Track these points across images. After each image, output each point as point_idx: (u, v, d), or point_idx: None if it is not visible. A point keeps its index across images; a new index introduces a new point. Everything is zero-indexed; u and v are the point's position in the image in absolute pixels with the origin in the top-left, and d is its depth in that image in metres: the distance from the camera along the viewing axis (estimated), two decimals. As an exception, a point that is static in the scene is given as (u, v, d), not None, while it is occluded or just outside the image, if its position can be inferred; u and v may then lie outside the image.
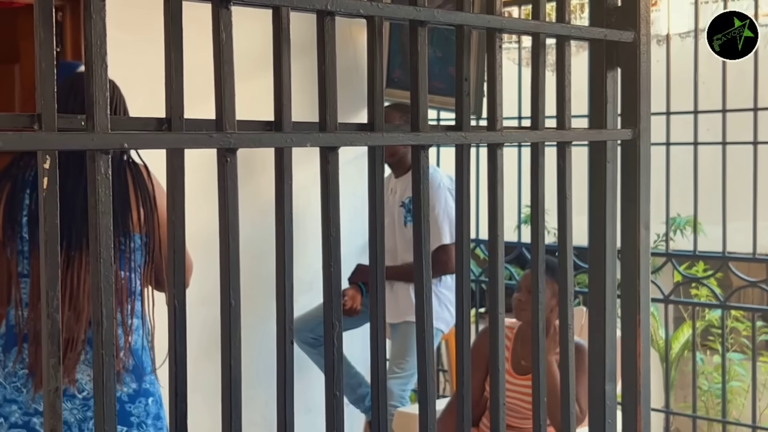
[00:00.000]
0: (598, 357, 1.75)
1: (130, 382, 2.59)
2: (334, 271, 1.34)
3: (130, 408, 2.60)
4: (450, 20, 1.45)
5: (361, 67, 4.58)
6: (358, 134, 1.38)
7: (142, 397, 2.62)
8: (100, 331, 1.11)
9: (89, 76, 1.10)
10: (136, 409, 2.61)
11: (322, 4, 1.28)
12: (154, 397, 2.68)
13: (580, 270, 4.75)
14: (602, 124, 1.71)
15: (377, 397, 1.48)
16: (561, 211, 1.65)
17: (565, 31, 1.58)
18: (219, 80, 1.21)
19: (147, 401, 2.64)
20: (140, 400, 2.61)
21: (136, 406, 2.60)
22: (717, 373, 5.61)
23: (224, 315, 1.26)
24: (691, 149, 4.45)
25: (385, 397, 1.49)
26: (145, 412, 2.62)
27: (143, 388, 2.62)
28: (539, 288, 1.65)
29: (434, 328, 4.66)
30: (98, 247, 1.11)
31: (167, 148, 1.24)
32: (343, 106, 1.37)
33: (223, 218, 1.22)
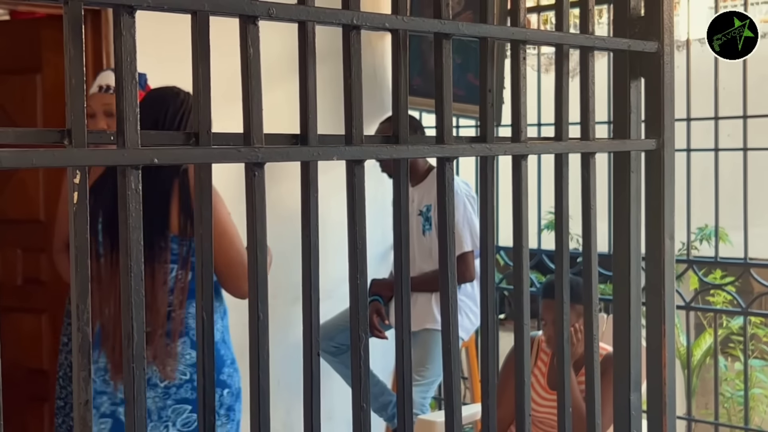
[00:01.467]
0: (623, 366, 1.75)
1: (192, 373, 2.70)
2: (360, 283, 1.34)
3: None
4: (474, 32, 1.46)
5: (379, 75, 4.58)
6: (384, 147, 1.39)
7: (217, 387, 2.65)
8: (131, 345, 1.12)
9: (119, 93, 1.11)
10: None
11: (348, 19, 1.29)
12: (231, 390, 2.79)
13: (603, 278, 4.75)
14: (626, 134, 1.71)
15: (403, 405, 1.48)
16: (585, 222, 1.65)
17: (589, 42, 1.59)
18: (247, 95, 1.22)
19: (222, 392, 2.76)
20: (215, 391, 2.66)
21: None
22: (739, 380, 5.59)
23: (252, 328, 1.27)
24: (711, 155, 4.43)
25: (411, 405, 1.49)
26: (219, 402, 2.72)
27: (219, 379, 2.73)
28: (563, 299, 1.65)
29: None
30: (129, 261, 1.12)
31: (196, 163, 1.25)
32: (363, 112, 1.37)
33: (251, 232, 1.23)
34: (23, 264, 4.55)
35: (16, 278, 4.56)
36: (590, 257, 1.65)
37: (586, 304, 1.67)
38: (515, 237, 1.54)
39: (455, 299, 1.46)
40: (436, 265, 4.05)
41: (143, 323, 1.13)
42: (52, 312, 4.32)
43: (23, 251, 4.55)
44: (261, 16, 1.21)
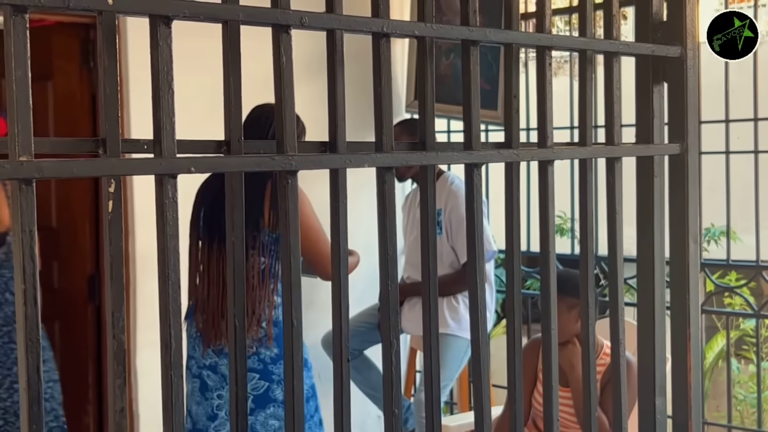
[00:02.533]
0: (647, 370, 1.75)
1: (273, 348, 3.14)
2: (392, 289, 1.35)
3: (272, 368, 3.14)
4: (501, 39, 1.47)
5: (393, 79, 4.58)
6: (414, 154, 1.40)
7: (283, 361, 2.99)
8: (168, 353, 1.13)
9: (156, 102, 1.12)
10: (278, 369, 3.14)
11: (378, 27, 1.30)
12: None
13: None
14: (649, 138, 1.71)
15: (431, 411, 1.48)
16: (611, 226, 1.65)
17: (613, 48, 1.59)
18: (280, 103, 1.23)
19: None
20: (280, 363, 3.11)
21: (277, 367, 3.14)
22: (752, 382, 5.58)
23: (287, 334, 1.27)
24: (722, 158, 4.43)
25: (440, 410, 1.49)
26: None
27: None
28: (588, 303, 1.65)
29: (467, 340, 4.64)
30: (166, 269, 1.12)
31: (229, 171, 1.26)
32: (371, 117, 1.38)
33: (285, 240, 1.24)
34: (36, 271, 4.54)
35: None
36: (615, 261, 1.65)
37: (612, 309, 1.67)
38: (542, 242, 1.55)
39: (484, 306, 1.47)
40: (446, 269, 4.07)
41: (181, 331, 1.14)
42: (65, 319, 4.33)
43: (36, 259, 4.54)
44: (293, 25, 1.21)
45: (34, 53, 1.16)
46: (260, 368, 3.15)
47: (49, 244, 4.44)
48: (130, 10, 1.09)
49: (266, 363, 3.16)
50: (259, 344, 3.14)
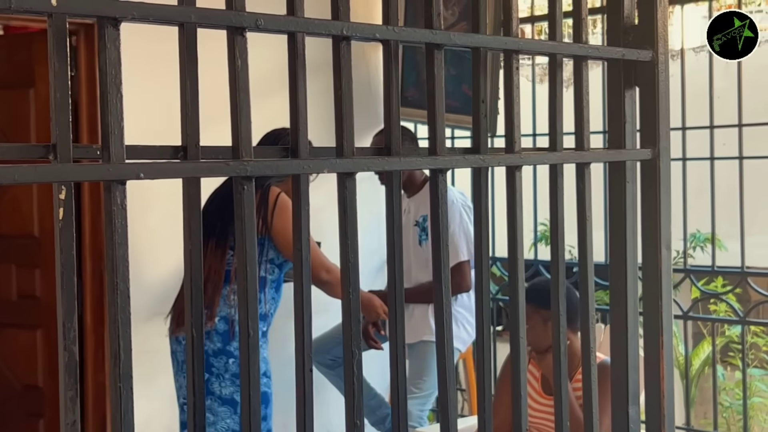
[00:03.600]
0: (620, 378, 1.73)
1: (216, 341, 3.32)
2: (353, 298, 1.32)
3: (212, 360, 3.32)
4: (466, 43, 1.44)
5: (374, 86, 4.56)
6: (375, 159, 1.37)
7: (224, 355, 3.33)
8: (117, 364, 1.10)
9: (104, 106, 1.09)
10: (217, 362, 3.31)
11: (338, 30, 1.28)
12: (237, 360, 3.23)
13: (599, 287, 4.73)
14: (621, 144, 1.69)
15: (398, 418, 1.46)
16: (581, 233, 1.63)
17: (582, 52, 1.57)
18: (235, 108, 1.20)
19: (228, 360, 3.33)
20: (221, 357, 3.33)
21: (218, 360, 3.31)
22: (738, 389, 5.55)
23: (243, 343, 1.25)
24: (707, 164, 4.41)
25: (406, 418, 1.47)
26: (224, 367, 3.33)
27: (227, 349, 3.33)
28: (560, 311, 1.63)
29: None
30: (115, 278, 1.09)
31: (184, 178, 1.23)
32: (357, 124, 1.36)
33: (241, 249, 1.21)
34: (18, 280, 4.52)
35: (11, 294, 4.53)
36: (586, 268, 1.63)
37: (582, 315, 1.65)
38: (510, 248, 1.52)
39: (449, 312, 1.44)
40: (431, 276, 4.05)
41: (130, 342, 1.11)
42: (46, 328, 4.29)
43: (18, 267, 4.52)
44: (249, 27, 1.19)
45: (17, 60, 1.14)
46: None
47: (31, 252, 4.41)
48: (77, 12, 1.07)
49: (208, 355, 3.29)
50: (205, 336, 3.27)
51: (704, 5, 5.08)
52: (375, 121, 4.29)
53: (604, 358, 2.69)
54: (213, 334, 3.32)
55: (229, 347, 3.37)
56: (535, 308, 3.26)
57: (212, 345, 3.33)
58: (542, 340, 3.13)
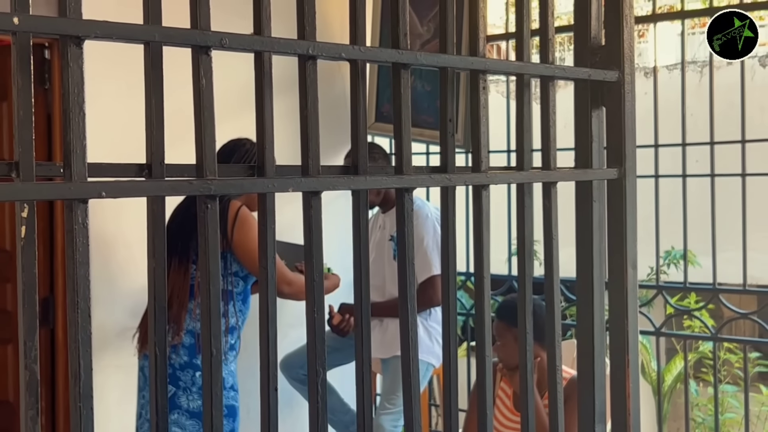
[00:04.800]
0: (587, 396, 1.73)
1: (183, 355, 3.32)
2: (317, 317, 1.32)
3: (179, 374, 3.32)
4: (433, 62, 1.45)
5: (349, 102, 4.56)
6: (341, 178, 1.37)
7: (191, 369, 3.33)
8: (77, 383, 1.09)
9: (66, 125, 1.09)
10: (184, 376, 3.31)
11: (303, 49, 1.28)
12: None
13: (571, 303, 4.74)
14: (588, 163, 1.70)
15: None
16: (548, 251, 1.63)
17: (549, 72, 1.58)
18: (199, 126, 1.20)
19: (195, 374, 3.33)
20: (188, 371, 3.33)
21: (185, 374, 3.31)
22: (711, 405, 5.58)
23: (206, 361, 1.24)
24: (679, 181, 4.45)
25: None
26: (191, 381, 3.32)
27: (194, 363, 3.33)
28: (526, 329, 1.63)
29: (426, 362, 4.60)
30: (75, 297, 1.09)
31: (147, 196, 1.22)
32: (332, 140, 1.37)
33: (203, 265, 1.20)
34: (-11, 294, 4.48)
35: (-19, 308, 4.49)
36: (552, 286, 1.63)
37: (548, 333, 1.65)
38: (477, 267, 1.53)
39: (415, 330, 1.44)
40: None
41: (91, 361, 1.10)
42: (17, 342, 4.25)
43: (-11, 281, 4.48)
44: (213, 46, 1.19)
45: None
46: (170, 372, 3.30)
47: (3, 266, 4.37)
48: (40, 31, 1.06)
49: (175, 368, 3.33)
50: (171, 350, 3.32)
51: (678, 23, 5.13)
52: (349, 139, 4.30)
53: (574, 374, 2.70)
54: (180, 347, 3.33)
55: (195, 360, 3.38)
56: (507, 326, 3.27)
57: (179, 359, 3.34)
58: (514, 358, 3.14)
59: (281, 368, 4.35)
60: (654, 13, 4.60)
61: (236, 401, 3.41)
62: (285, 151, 1.75)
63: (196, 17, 1.19)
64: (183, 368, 3.34)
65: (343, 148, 4.22)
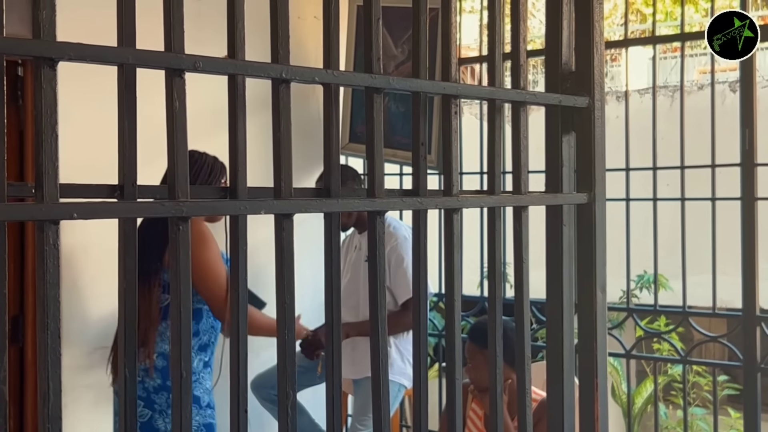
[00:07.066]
0: (556, 419, 1.74)
1: (156, 378, 3.32)
2: (288, 339, 1.32)
3: (154, 397, 3.32)
4: (406, 87, 1.46)
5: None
6: (313, 201, 1.38)
7: (165, 391, 3.34)
8: (46, 404, 1.09)
9: (39, 146, 1.09)
10: (159, 399, 3.31)
11: (277, 73, 1.29)
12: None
13: (542, 325, 4.76)
14: (558, 187, 1.72)
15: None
16: (518, 274, 1.65)
17: (520, 97, 1.60)
18: (172, 148, 1.21)
19: (169, 396, 3.27)
20: (162, 394, 3.33)
21: (159, 397, 3.31)
22: (680, 427, 5.62)
23: (175, 384, 1.24)
24: (650, 205, 4.49)
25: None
26: (167, 403, 3.32)
27: (167, 385, 3.32)
28: (496, 352, 1.64)
29: (398, 384, 4.60)
30: (45, 318, 1.08)
31: (119, 218, 1.23)
32: (305, 161, 1.37)
33: (175, 289, 1.20)
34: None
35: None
36: (522, 309, 1.65)
37: (518, 355, 1.66)
38: (447, 291, 1.54)
39: (386, 353, 1.45)
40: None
41: (60, 383, 1.10)
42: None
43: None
44: (187, 69, 1.19)
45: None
46: (144, 396, 3.32)
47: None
48: (13, 52, 1.07)
49: (149, 392, 3.34)
50: (145, 374, 3.34)
51: (650, 48, 5.18)
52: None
53: (545, 396, 2.71)
54: (153, 370, 3.33)
55: (169, 382, 3.32)
56: (479, 348, 3.28)
57: (152, 382, 3.34)
58: (485, 379, 3.15)
59: (252, 388, 4.34)
60: (626, 38, 4.66)
61: (213, 419, 3.42)
62: (257, 171, 1.76)
63: (170, 40, 1.20)
64: (157, 391, 3.33)
65: (316, 169, 4.23)
